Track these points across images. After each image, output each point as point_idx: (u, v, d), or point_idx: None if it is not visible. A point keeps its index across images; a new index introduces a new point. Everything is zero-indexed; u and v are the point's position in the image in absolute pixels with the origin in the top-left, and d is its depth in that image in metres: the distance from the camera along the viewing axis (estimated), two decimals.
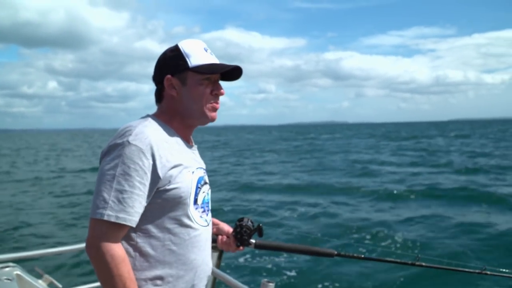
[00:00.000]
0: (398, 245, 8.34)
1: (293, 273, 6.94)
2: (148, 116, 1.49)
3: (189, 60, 1.46)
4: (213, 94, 1.51)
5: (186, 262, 1.43)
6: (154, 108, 1.58)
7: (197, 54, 1.48)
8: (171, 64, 1.47)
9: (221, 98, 1.54)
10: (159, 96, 1.52)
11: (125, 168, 1.30)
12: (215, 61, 1.51)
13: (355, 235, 9.16)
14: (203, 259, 1.50)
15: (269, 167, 25.47)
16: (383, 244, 8.41)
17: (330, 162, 27.19)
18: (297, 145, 49.65)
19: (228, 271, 6.58)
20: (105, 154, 1.36)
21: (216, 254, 2.17)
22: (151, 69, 1.58)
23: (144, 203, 1.33)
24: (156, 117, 1.49)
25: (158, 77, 1.50)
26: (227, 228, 1.86)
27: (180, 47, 1.48)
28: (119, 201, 1.29)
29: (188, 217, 1.43)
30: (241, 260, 7.52)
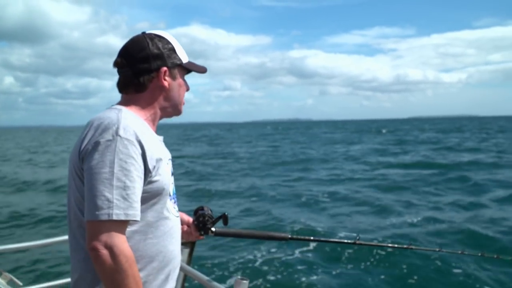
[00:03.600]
0: (345, 227, 9.25)
1: (254, 264, 7.29)
2: (117, 107, 1.42)
3: (180, 56, 1.50)
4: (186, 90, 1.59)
5: (167, 254, 1.43)
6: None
7: (181, 49, 1.53)
8: (167, 56, 1.46)
9: (186, 94, 1.59)
10: (142, 85, 1.44)
11: (122, 163, 1.26)
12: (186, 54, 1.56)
13: (308, 220, 9.91)
14: (178, 249, 1.52)
15: None
16: (331, 225, 9.23)
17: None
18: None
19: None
20: (91, 151, 1.27)
21: (187, 250, 2.13)
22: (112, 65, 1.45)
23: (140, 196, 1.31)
24: (127, 108, 1.42)
25: (146, 66, 1.43)
26: (187, 217, 1.87)
27: (170, 41, 1.49)
28: (124, 198, 1.24)
29: (167, 209, 1.43)
30: (201, 252, 7.80)
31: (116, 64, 1.47)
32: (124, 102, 1.47)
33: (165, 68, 1.45)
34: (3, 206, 12.63)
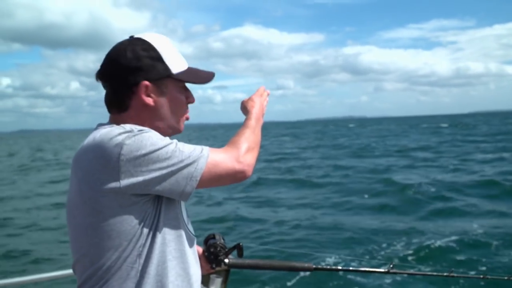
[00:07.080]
0: (375, 254, 8.66)
1: None
2: (108, 125, 1.23)
3: (169, 64, 1.26)
4: (187, 103, 1.34)
5: (186, 278, 1.25)
6: None
7: (174, 56, 1.28)
8: (148, 67, 1.23)
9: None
10: (123, 103, 1.25)
11: (158, 136, 1.16)
12: (184, 60, 1.33)
13: (335, 246, 9.39)
14: (198, 273, 1.33)
15: None
16: (358, 253, 8.70)
17: None
18: None
19: None
20: (120, 159, 1.08)
21: (219, 280, 1.87)
22: None
23: None
24: None
25: (124, 81, 1.23)
26: (197, 247, 1.65)
27: (155, 46, 1.25)
28: (187, 148, 1.18)
29: (183, 221, 1.28)
30: None
31: (96, 77, 1.29)
32: (112, 122, 1.27)
33: (145, 83, 1.22)
34: None
